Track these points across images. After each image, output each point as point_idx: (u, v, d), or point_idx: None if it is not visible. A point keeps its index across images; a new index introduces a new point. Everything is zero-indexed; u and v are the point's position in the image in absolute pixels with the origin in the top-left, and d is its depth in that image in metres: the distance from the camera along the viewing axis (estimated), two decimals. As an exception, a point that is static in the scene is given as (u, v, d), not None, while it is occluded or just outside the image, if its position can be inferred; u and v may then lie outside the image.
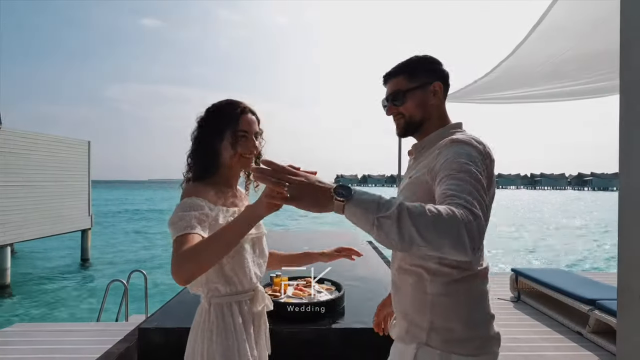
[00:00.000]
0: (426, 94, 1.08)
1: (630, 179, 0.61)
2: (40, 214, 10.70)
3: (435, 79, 1.08)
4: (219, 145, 1.14)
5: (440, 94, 1.09)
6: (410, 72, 1.09)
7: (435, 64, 1.11)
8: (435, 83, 1.08)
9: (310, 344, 2.35)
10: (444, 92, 1.10)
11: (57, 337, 3.05)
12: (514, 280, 4.15)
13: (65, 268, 13.07)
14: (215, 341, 1.10)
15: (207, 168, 1.15)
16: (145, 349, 2.33)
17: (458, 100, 4.59)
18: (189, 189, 1.12)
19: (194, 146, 1.18)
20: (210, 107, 1.19)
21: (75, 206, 12.24)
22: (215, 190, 1.15)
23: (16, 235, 9.94)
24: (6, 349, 2.84)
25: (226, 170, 1.18)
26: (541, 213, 36.16)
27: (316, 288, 2.72)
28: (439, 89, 1.08)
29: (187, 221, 1.00)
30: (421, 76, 1.08)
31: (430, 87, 1.07)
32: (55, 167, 11.35)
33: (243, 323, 1.14)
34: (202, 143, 1.15)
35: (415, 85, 1.08)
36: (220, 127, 1.14)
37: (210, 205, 1.09)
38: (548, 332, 3.23)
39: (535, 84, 3.32)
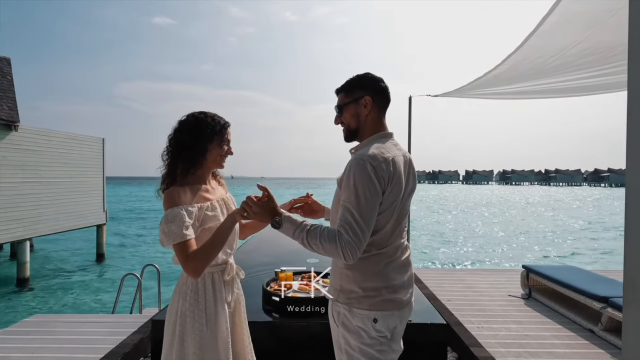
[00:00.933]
0: (358, 106, 1.35)
1: (638, 176, 0.61)
2: (56, 209, 10.96)
3: (365, 94, 1.35)
4: (208, 148, 1.41)
5: (370, 106, 1.35)
6: (347, 89, 1.38)
7: (368, 81, 1.37)
8: (366, 97, 1.34)
9: (317, 337, 2.38)
10: (375, 104, 1.36)
11: (75, 328, 3.15)
12: (524, 277, 4.11)
13: (81, 262, 13.41)
14: (188, 301, 1.39)
15: (191, 168, 1.41)
16: (158, 339, 2.38)
17: (465, 95, 4.53)
18: (169, 198, 1.35)
19: (179, 148, 1.40)
20: (199, 115, 1.43)
21: (90, 202, 12.50)
22: (191, 191, 1.41)
23: (34, 230, 10.22)
24: (26, 339, 2.94)
25: (205, 168, 1.46)
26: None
27: (320, 283, 2.76)
28: (369, 102, 1.34)
29: (178, 231, 1.30)
30: (355, 92, 1.36)
31: (362, 100, 1.35)
32: (70, 163, 11.60)
33: (212, 288, 1.43)
34: (190, 147, 1.39)
35: (349, 100, 1.36)
36: (211, 135, 1.41)
37: (188, 210, 1.35)
38: (559, 329, 3.20)
39: (546, 77, 3.25)
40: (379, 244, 1.29)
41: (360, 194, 1.19)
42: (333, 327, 1.39)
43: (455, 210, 34.15)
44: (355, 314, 1.28)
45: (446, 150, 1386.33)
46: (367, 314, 1.27)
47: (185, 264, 1.30)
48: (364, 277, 1.28)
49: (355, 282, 1.29)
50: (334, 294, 1.35)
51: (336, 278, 1.36)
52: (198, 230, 1.39)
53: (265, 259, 4.06)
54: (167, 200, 1.36)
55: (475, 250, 15.79)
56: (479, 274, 5.10)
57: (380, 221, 1.26)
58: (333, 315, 1.35)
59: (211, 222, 1.42)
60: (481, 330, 3.13)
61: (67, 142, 11.48)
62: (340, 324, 1.32)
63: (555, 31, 2.42)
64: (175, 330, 1.38)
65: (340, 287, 1.32)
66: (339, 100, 1.40)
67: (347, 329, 1.30)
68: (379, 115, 1.38)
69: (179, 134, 1.41)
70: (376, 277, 1.29)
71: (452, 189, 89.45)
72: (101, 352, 2.63)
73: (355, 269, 1.29)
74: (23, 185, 9.85)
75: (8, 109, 9.39)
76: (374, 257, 1.29)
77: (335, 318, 1.34)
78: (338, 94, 1.42)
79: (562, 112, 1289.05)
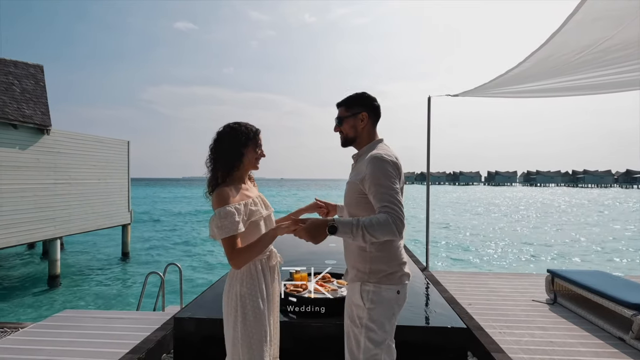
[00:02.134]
0: (356, 120, 1.65)
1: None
2: (84, 209, 11.42)
3: (363, 110, 1.65)
4: (244, 153, 1.64)
5: (366, 120, 1.65)
6: (347, 105, 1.67)
7: (366, 99, 1.66)
8: (363, 113, 1.65)
9: (333, 338, 2.38)
10: (370, 119, 1.66)
11: (102, 324, 3.28)
12: (549, 282, 3.97)
13: (108, 260, 13.91)
14: (245, 285, 1.61)
15: (231, 171, 1.62)
16: (180, 336, 2.46)
17: (486, 95, 4.42)
18: (220, 197, 1.55)
19: (220, 153, 1.61)
20: (234, 125, 1.65)
21: (116, 202, 12.95)
22: (235, 190, 1.62)
23: (64, 229, 10.68)
24: (57, 333, 3.09)
25: (242, 170, 1.68)
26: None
27: (335, 284, 2.78)
28: (365, 117, 1.65)
29: (229, 226, 1.51)
30: (354, 108, 1.65)
31: (360, 115, 1.65)
32: (97, 165, 12.07)
33: (262, 272, 1.66)
34: (229, 151, 1.61)
35: (349, 114, 1.66)
36: (245, 141, 1.64)
37: (236, 207, 1.56)
38: (587, 336, 3.07)
39: (572, 74, 3.14)
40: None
41: (388, 180, 1.46)
42: (355, 306, 1.57)
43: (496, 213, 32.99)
44: (383, 289, 1.53)
45: (467, 151, 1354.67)
46: (394, 288, 1.55)
47: (231, 257, 1.54)
48: (390, 257, 1.56)
49: (383, 262, 1.55)
50: (363, 277, 1.57)
51: (364, 262, 1.57)
52: (246, 224, 1.60)
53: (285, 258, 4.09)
54: (217, 199, 1.55)
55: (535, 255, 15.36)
56: (502, 277, 4.96)
57: None
58: (362, 295, 1.55)
59: (255, 215, 1.65)
60: (503, 336, 3.05)
61: (95, 145, 11.95)
62: (368, 301, 1.53)
63: (582, 28, 2.35)
64: (237, 311, 1.58)
65: (370, 269, 1.56)
66: (340, 112, 1.69)
67: (376, 304, 1.53)
68: (372, 127, 1.68)
69: (218, 143, 1.63)
70: (396, 257, 1.57)
71: (475, 191, 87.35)
72: (126, 347, 2.72)
73: (383, 251, 1.55)
74: (54, 187, 10.32)
75: (41, 113, 9.88)
76: (394, 240, 1.56)
77: (363, 297, 1.54)
78: (339, 107, 1.69)
79: (591, 110, 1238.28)
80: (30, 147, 9.60)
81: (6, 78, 9.63)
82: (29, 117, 9.46)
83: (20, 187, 9.31)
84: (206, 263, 14.39)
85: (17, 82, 9.85)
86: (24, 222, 9.40)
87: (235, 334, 1.58)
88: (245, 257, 1.54)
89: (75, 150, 11.13)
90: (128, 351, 2.65)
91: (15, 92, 9.62)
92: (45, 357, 2.66)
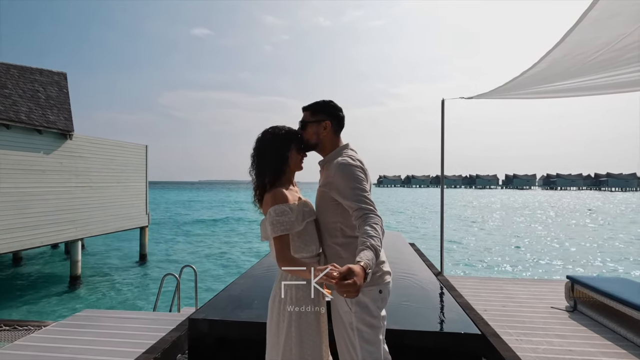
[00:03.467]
0: (319, 127, 1.67)
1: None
2: (104, 212, 11.76)
3: (327, 119, 1.67)
4: (288, 155, 1.65)
5: (329, 129, 1.68)
6: (313, 110, 1.69)
7: (331, 108, 1.69)
8: (327, 121, 1.67)
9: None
10: (333, 127, 1.69)
11: (120, 323, 3.37)
12: (569, 289, 3.86)
13: (126, 262, 14.25)
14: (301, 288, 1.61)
15: (279, 176, 1.63)
16: (194, 337, 2.50)
17: (501, 97, 4.35)
18: (274, 197, 1.57)
19: (265, 158, 1.62)
20: (274, 130, 1.66)
21: (134, 205, 13.28)
22: (287, 190, 1.62)
23: (85, 231, 11.01)
24: (78, 332, 3.19)
25: (288, 173, 1.68)
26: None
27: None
28: (329, 126, 1.68)
29: (284, 224, 1.54)
30: (319, 115, 1.68)
31: (323, 123, 1.67)
32: (117, 169, 12.42)
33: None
34: (274, 157, 1.62)
35: (313, 120, 1.68)
36: (289, 143, 1.65)
37: (290, 206, 1.58)
38: (609, 345, 2.97)
39: (591, 73, 3.06)
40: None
41: (357, 182, 1.51)
42: (343, 312, 1.58)
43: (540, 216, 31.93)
44: (365, 292, 1.53)
45: (484, 154, 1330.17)
46: (376, 288, 1.56)
47: (279, 257, 1.55)
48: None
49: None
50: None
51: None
52: (302, 224, 1.61)
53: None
54: (272, 198, 1.57)
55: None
56: (519, 283, 4.85)
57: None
58: (346, 300, 1.56)
59: (309, 216, 1.66)
60: (520, 343, 2.98)
61: (114, 149, 12.30)
62: (354, 305, 1.54)
63: (598, 25, 2.29)
64: (276, 308, 1.61)
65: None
66: (305, 117, 1.71)
67: (361, 306, 1.54)
68: (335, 135, 1.71)
69: (262, 150, 1.64)
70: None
71: (494, 194, 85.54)
72: (143, 347, 2.79)
73: (354, 249, 1.53)
74: (76, 190, 10.67)
75: (64, 119, 10.25)
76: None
77: (347, 302, 1.55)
78: (304, 111, 1.71)
79: (613, 109, 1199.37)
80: (54, 152, 9.97)
81: (32, 85, 10.04)
82: (53, 123, 9.83)
83: (44, 190, 9.67)
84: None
85: (42, 89, 10.26)
86: (48, 223, 9.75)
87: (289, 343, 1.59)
88: (288, 265, 1.53)
89: (96, 154, 11.49)
90: (144, 351, 2.72)
91: (41, 98, 10.02)
92: (66, 355, 2.75)
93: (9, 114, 8.82)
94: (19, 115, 9.05)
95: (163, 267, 13.57)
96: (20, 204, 9.02)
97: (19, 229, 8.99)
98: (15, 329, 3.42)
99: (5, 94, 9.15)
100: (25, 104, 9.47)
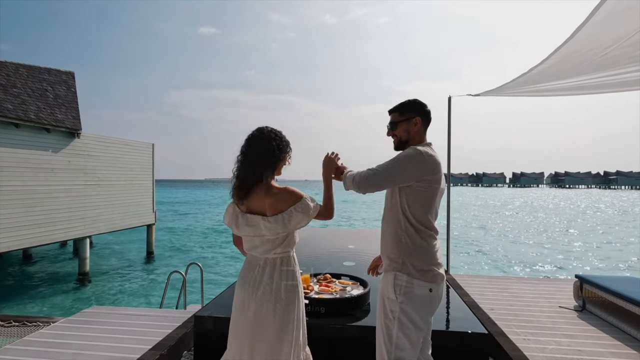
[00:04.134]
0: (410, 124, 1.75)
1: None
2: (112, 209, 11.88)
3: (417, 115, 1.75)
4: (281, 158, 1.75)
5: (419, 125, 1.75)
6: (401, 110, 1.78)
7: (419, 105, 1.77)
8: (417, 118, 1.75)
9: (355, 341, 2.37)
10: (423, 123, 1.77)
11: (126, 320, 3.40)
12: (578, 288, 3.81)
13: (133, 259, 14.40)
14: (296, 272, 1.77)
15: (273, 172, 1.74)
16: (200, 334, 2.51)
17: (508, 94, 4.29)
18: (294, 191, 1.74)
19: (272, 155, 1.71)
20: (279, 133, 1.76)
21: (141, 203, 13.40)
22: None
23: (93, 228, 11.14)
24: (85, 328, 3.22)
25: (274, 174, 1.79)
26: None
27: (337, 284, 2.83)
28: (419, 122, 1.75)
29: (315, 203, 1.76)
30: (408, 113, 1.76)
31: (413, 120, 1.75)
32: (124, 167, 12.53)
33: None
34: (274, 154, 1.72)
35: (403, 118, 1.76)
36: (286, 147, 1.77)
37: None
38: (618, 345, 2.92)
39: (601, 70, 3.00)
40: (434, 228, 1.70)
41: (397, 165, 1.62)
42: (388, 300, 1.64)
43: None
44: (416, 285, 1.60)
45: (491, 151, 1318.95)
46: (427, 285, 1.61)
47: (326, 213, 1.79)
48: (425, 255, 1.63)
49: (418, 258, 1.63)
50: (396, 267, 1.65)
51: (398, 253, 1.65)
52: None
53: (303, 260, 4.11)
54: (293, 192, 1.73)
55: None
56: (527, 282, 4.79)
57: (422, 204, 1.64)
58: (395, 288, 1.62)
59: None
60: (527, 343, 2.94)
61: (121, 148, 12.41)
62: (401, 295, 1.60)
63: (610, 19, 2.24)
64: (297, 299, 1.73)
65: (403, 261, 1.64)
66: (394, 117, 1.80)
67: (408, 298, 1.60)
68: (423, 131, 1.78)
69: (266, 145, 1.73)
70: (432, 255, 1.64)
71: (502, 193, 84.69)
72: (149, 344, 2.81)
73: (419, 246, 1.63)
74: (85, 188, 10.79)
75: (72, 118, 10.36)
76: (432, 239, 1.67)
77: (396, 290, 1.62)
78: (392, 112, 1.81)
79: (624, 105, 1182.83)
80: (62, 150, 10.08)
81: (40, 85, 10.16)
82: (61, 122, 9.94)
83: (53, 188, 9.79)
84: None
85: (51, 88, 10.37)
86: (57, 221, 9.88)
87: (298, 324, 1.72)
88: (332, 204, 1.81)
89: (104, 152, 11.60)
90: (151, 347, 2.74)
91: (49, 97, 10.13)
92: (73, 351, 2.78)
93: (18, 113, 8.93)
94: (28, 114, 9.16)
95: (171, 264, 13.68)
96: (29, 201, 9.14)
97: (28, 226, 9.12)
98: (25, 325, 3.46)
99: (14, 93, 9.26)
100: (34, 102, 9.58)
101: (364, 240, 5.39)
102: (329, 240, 5.34)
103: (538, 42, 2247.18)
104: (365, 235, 5.94)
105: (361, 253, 4.41)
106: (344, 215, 32.43)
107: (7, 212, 8.62)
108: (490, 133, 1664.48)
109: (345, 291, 2.69)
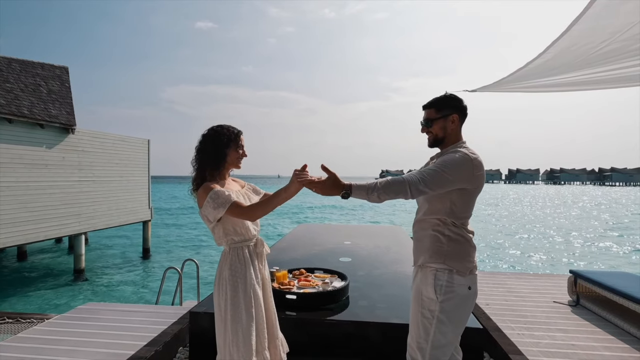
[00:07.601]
0: (447, 121, 1.67)
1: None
2: (107, 206, 11.80)
3: (454, 112, 1.66)
4: (227, 153, 1.77)
5: (457, 122, 1.67)
6: (438, 106, 1.68)
7: (456, 101, 1.68)
8: (454, 115, 1.66)
9: (350, 336, 2.38)
10: (460, 120, 1.68)
11: (122, 317, 3.38)
12: (572, 283, 3.83)
13: (129, 256, 14.34)
14: (230, 268, 1.73)
15: (216, 170, 1.76)
16: (195, 330, 2.51)
17: (504, 89, 4.28)
18: (205, 189, 1.68)
19: (204, 154, 1.74)
20: (217, 128, 1.78)
21: (137, 199, 13.32)
22: (219, 185, 1.74)
23: (89, 225, 11.07)
24: (80, 324, 3.21)
25: (223, 171, 1.81)
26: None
27: (314, 277, 2.89)
28: (456, 119, 1.67)
29: (225, 200, 1.63)
30: (445, 109, 1.66)
31: (450, 117, 1.66)
32: (120, 163, 12.43)
33: (250, 257, 1.77)
34: (214, 152, 1.74)
35: (440, 115, 1.67)
36: (228, 142, 1.76)
37: (222, 189, 1.69)
38: (611, 340, 2.95)
39: (597, 65, 3.00)
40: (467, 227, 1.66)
41: (444, 168, 1.52)
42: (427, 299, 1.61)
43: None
44: (456, 284, 1.58)
45: (487, 148, 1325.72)
46: (467, 283, 1.59)
47: (247, 213, 1.65)
48: (464, 254, 1.61)
49: (457, 259, 1.60)
50: (438, 261, 1.60)
51: (438, 254, 1.61)
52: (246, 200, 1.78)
53: (298, 256, 4.11)
54: (203, 191, 1.69)
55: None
56: (522, 277, 4.83)
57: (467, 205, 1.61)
58: (435, 288, 1.59)
59: (255, 194, 1.91)
60: (522, 337, 2.96)
61: (117, 144, 12.31)
62: (441, 294, 1.58)
63: (606, 12, 2.23)
64: (227, 294, 1.69)
65: (445, 260, 1.61)
66: (429, 114, 1.70)
67: (449, 297, 1.57)
68: (459, 129, 1.70)
69: (204, 145, 1.77)
70: (469, 254, 1.62)
71: (498, 189, 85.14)
72: (144, 340, 2.80)
73: (458, 247, 1.60)
74: (79, 184, 10.71)
75: (66, 113, 10.25)
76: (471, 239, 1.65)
77: (437, 290, 1.58)
78: (427, 108, 1.71)
79: (620, 102, 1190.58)
80: (57, 146, 9.98)
81: (34, 80, 10.03)
82: (55, 117, 9.83)
83: (48, 184, 9.70)
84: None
85: (44, 83, 10.25)
86: (52, 217, 9.80)
87: (226, 316, 1.68)
88: (261, 210, 1.64)
89: (99, 148, 11.50)
90: (146, 344, 2.73)
91: (42, 93, 10.01)
92: (67, 347, 2.77)
93: (11, 108, 8.82)
94: (21, 110, 9.06)
95: (166, 261, 13.64)
96: (24, 198, 9.06)
97: (23, 222, 9.04)
98: (18, 322, 3.44)
99: (7, 88, 9.14)
100: (27, 98, 9.47)
101: (360, 236, 5.39)
102: (325, 236, 5.34)
103: (538, 40, 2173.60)
104: (361, 231, 5.95)
105: (357, 251, 4.42)
106: (344, 218, 32.41)
107: (1, 209, 8.55)
108: (487, 130, 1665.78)
109: (327, 284, 2.71)
